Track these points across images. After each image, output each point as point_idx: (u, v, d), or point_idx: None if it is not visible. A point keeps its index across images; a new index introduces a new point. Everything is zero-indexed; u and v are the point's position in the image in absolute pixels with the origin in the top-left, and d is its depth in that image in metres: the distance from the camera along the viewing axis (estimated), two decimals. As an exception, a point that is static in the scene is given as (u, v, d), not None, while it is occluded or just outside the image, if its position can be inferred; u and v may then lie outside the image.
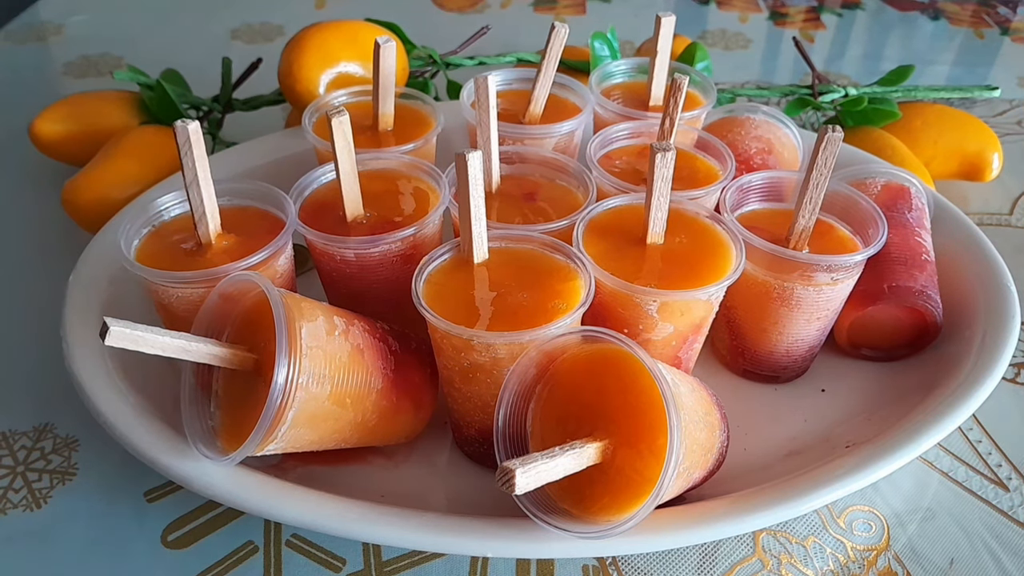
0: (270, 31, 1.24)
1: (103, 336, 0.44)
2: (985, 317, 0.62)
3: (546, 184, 0.66)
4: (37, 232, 0.83)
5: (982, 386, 0.56)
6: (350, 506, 0.50)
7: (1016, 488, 0.59)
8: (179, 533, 0.56)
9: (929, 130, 0.87)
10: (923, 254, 0.66)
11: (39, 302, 0.73)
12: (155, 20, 1.29)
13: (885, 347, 0.66)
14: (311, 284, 0.68)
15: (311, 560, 0.54)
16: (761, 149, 0.73)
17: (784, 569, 0.54)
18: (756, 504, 0.50)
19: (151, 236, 0.59)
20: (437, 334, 0.53)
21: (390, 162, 0.66)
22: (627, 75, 0.81)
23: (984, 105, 1.05)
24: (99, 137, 0.83)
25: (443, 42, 0.96)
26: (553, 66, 0.72)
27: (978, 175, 0.87)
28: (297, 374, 0.47)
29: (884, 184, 0.71)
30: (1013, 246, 0.81)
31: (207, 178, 0.55)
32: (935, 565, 0.54)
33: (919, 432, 0.54)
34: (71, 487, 0.59)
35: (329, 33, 0.80)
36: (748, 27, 1.29)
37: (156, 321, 0.55)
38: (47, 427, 0.63)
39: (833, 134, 0.54)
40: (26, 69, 1.17)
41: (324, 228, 0.59)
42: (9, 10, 1.29)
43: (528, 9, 1.34)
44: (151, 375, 0.58)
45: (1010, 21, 1.33)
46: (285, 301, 0.48)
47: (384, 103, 0.71)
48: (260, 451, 0.49)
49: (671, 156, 0.53)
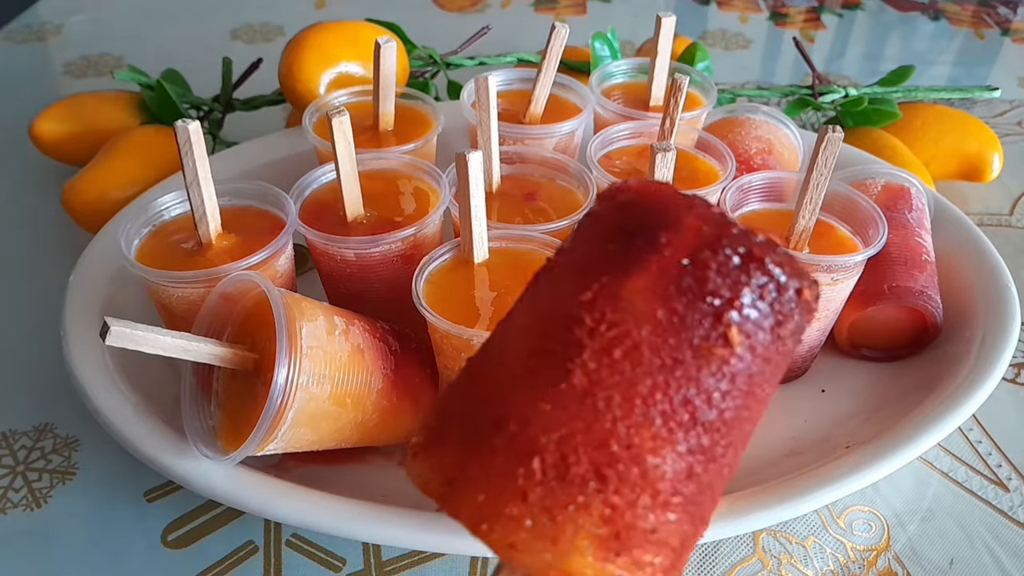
0: (270, 31, 1.24)
1: (103, 336, 0.44)
2: (985, 317, 0.62)
3: (546, 184, 0.66)
4: (37, 232, 0.83)
5: (982, 386, 0.56)
6: (350, 506, 0.50)
7: (1016, 488, 0.59)
8: (179, 533, 0.56)
9: (929, 130, 0.87)
10: (923, 254, 0.66)
11: (39, 302, 0.73)
12: (155, 20, 1.29)
13: (885, 347, 0.66)
14: (311, 284, 0.68)
15: (311, 560, 0.54)
16: (761, 149, 0.73)
17: (784, 569, 0.54)
18: (756, 504, 0.50)
19: (151, 236, 0.59)
20: (437, 334, 0.53)
21: (390, 162, 0.66)
22: (627, 75, 0.81)
23: (984, 105, 1.05)
24: (99, 137, 0.83)
25: (443, 42, 0.96)
26: (553, 66, 0.72)
27: (978, 175, 0.87)
28: (297, 374, 0.47)
29: (884, 184, 0.71)
30: (1013, 246, 0.81)
31: (207, 178, 0.55)
32: (935, 565, 0.54)
33: (919, 432, 0.54)
34: (71, 487, 0.59)
35: (329, 33, 0.80)
36: (748, 27, 1.29)
37: (156, 321, 0.56)
38: (47, 427, 0.63)
39: (833, 134, 0.54)
40: (26, 69, 1.16)
41: (324, 228, 0.59)
42: (9, 10, 1.29)
43: (528, 9, 1.34)
44: (151, 375, 0.58)
45: (1010, 21, 1.33)
46: (285, 301, 0.48)
47: (384, 103, 0.71)
48: (260, 451, 0.49)
49: (671, 156, 0.53)
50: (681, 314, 0.31)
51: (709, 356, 0.31)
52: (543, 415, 0.31)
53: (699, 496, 0.32)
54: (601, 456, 0.30)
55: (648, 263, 0.32)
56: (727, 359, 0.31)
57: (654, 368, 0.31)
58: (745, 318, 0.31)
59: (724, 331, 0.31)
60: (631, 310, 0.31)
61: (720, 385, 0.31)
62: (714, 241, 0.31)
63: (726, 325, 0.31)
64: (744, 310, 0.31)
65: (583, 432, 0.31)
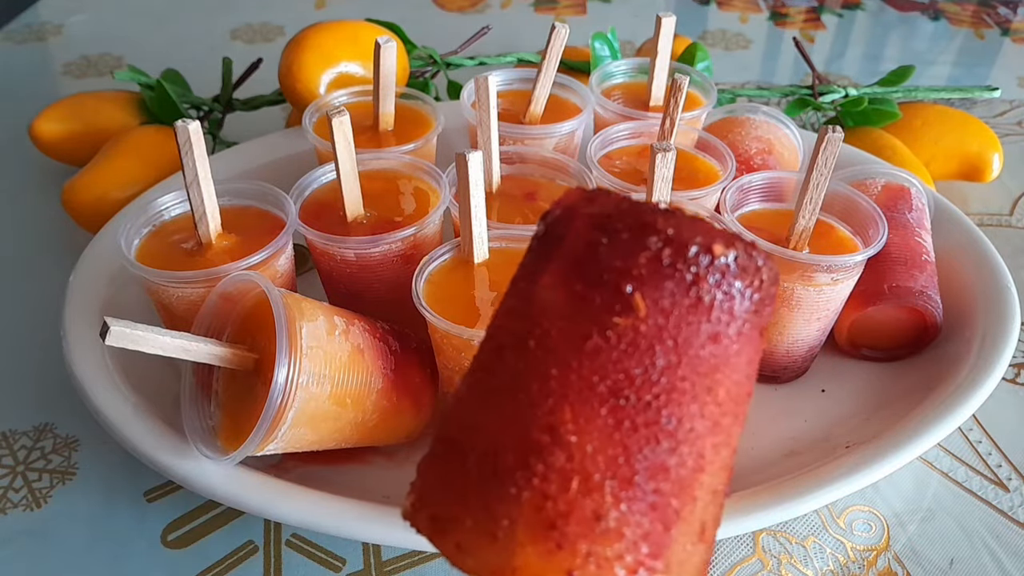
0: (270, 31, 1.24)
1: (103, 336, 0.44)
2: (985, 317, 0.62)
3: (546, 184, 0.66)
4: (37, 232, 0.83)
5: (982, 386, 0.56)
6: (350, 506, 0.50)
7: (1016, 488, 0.59)
8: (179, 533, 0.56)
9: (929, 130, 0.87)
10: (923, 254, 0.66)
11: (39, 302, 0.73)
12: (155, 20, 1.29)
13: (885, 347, 0.66)
14: (311, 284, 0.68)
15: (311, 560, 0.54)
16: (761, 149, 0.73)
17: (784, 569, 0.54)
18: (756, 504, 0.50)
19: (151, 236, 0.59)
20: (437, 334, 0.53)
21: (390, 162, 0.66)
22: (627, 75, 0.81)
23: (984, 105, 1.05)
24: (99, 137, 0.83)
25: (443, 42, 0.96)
26: (553, 66, 0.72)
27: (978, 175, 0.87)
28: (297, 374, 0.47)
29: (884, 184, 0.71)
30: (1013, 246, 0.81)
31: (207, 178, 0.55)
32: (935, 565, 0.54)
33: (919, 432, 0.54)
34: (71, 487, 0.59)
35: (329, 33, 0.80)
36: (748, 27, 1.29)
37: (156, 321, 0.56)
38: (47, 427, 0.63)
39: (833, 134, 0.54)
40: (26, 69, 1.16)
41: (324, 228, 0.59)
42: (9, 10, 1.29)
43: (528, 9, 1.34)
44: (151, 375, 0.58)
45: (1010, 21, 1.33)
46: (285, 301, 0.48)
47: (384, 103, 0.71)
48: (260, 451, 0.49)
49: (671, 156, 0.53)
50: (583, 295, 0.31)
51: (616, 327, 0.31)
52: (477, 417, 0.32)
53: (651, 480, 0.30)
54: (525, 444, 0.30)
55: (551, 259, 0.33)
56: (637, 327, 0.30)
57: (567, 351, 0.31)
58: (645, 283, 0.31)
59: (627, 300, 0.31)
60: (540, 304, 0.32)
61: (637, 355, 0.31)
62: (605, 221, 0.32)
63: (628, 294, 0.31)
64: (643, 275, 0.31)
65: (511, 424, 0.31)
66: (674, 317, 0.31)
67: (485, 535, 0.30)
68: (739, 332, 0.32)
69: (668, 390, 0.31)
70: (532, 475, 0.30)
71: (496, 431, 0.31)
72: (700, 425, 0.31)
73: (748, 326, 0.32)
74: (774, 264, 0.33)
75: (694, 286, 0.31)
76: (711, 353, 0.32)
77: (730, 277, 0.31)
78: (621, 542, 0.30)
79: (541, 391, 0.31)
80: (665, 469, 0.31)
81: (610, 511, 0.30)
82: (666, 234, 0.31)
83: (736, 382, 0.32)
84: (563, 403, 0.30)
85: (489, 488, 0.31)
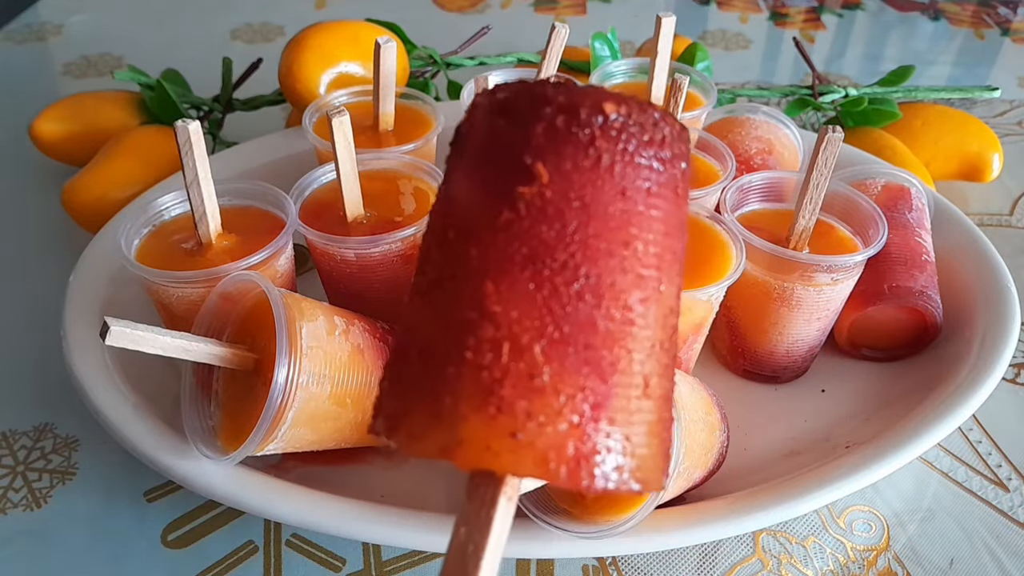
0: (270, 31, 1.24)
1: (103, 336, 0.44)
2: (985, 317, 0.62)
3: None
4: (37, 232, 0.83)
5: (982, 386, 0.56)
6: (350, 506, 0.50)
7: (1016, 488, 0.59)
8: (179, 533, 0.56)
9: (929, 130, 0.87)
10: (923, 254, 0.66)
11: (39, 302, 0.73)
12: (155, 20, 1.29)
13: (885, 347, 0.66)
14: (311, 284, 0.68)
15: (311, 560, 0.54)
16: (761, 149, 0.73)
17: (784, 569, 0.54)
18: (756, 504, 0.50)
19: (151, 236, 0.59)
20: (437, 334, 0.53)
21: (390, 162, 0.66)
22: (627, 75, 0.81)
23: (984, 105, 1.05)
24: (99, 137, 0.83)
25: (443, 42, 0.96)
26: (553, 66, 0.72)
27: (978, 176, 0.87)
28: (297, 374, 0.47)
29: (884, 184, 0.71)
30: (1013, 246, 0.81)
31: (207, 178, 0.55)
32: (935, 565, 0.54)
33: (919, 432, 0.54)
34: (71, 487, 0.59)
35: (329, 33, 0.80)
36: (748, 27, 1.29)
37: (156, 321, 0.56)
38: (47, 427, 0.63)
39: (833, 134, 0.54)
40: (26, 69, 1.17)
41: (324, 228, 0.59)
42: (9, 10, 1.29)
43: (528, 9, 1.34)
44: (151, 375, 0.58)
45: (1010, 21, 1.33)
46: (285, 301, 0.48)
47: (384, 103, 0.71)
48: (260, 451, 0.49)
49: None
50: (491, 177, 0.32)
51: (523, 197, 0.31)
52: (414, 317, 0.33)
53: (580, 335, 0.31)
54: (457, 325, 0.31)
55: (462, 156, 0.34)
56: (543, 193, 0.31)
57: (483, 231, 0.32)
58: (544, 151, 0.31)
59: (529, 169, 0.31)
60: (455, 198, 0.34)
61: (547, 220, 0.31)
62: (502, 105, 0.33)
63: (528, 164, 0.32)
64: (541, 144, 0.32)
65: (443, 313, 0.32)
66: (577, 178, 0.32)
67: (431, 417, 0.31)
68: (649, 187, 0.33)
69: (582, 248, 0.31)
70: (465, 350, 0.31)
71: (431, 324, 0.32)
72: (622, 280, 0.32)
73: (657, 180, 0.33)
74: (675, 120, 0.34)
75: (591, 146, 0.32)
76: (621, 209, 0.32)
77: (627, 134, 0.32)
78: (558, 397, 0.30)
79: (464, 274, 0.32)
80: (592, 323, 0.31)
81: (543, 369, 0.30)
82: (559, 102, 0.32)
83: (656, 237, 0.33)
84: (485, 279, 0.31)
85: (430, 375, 0.31)
